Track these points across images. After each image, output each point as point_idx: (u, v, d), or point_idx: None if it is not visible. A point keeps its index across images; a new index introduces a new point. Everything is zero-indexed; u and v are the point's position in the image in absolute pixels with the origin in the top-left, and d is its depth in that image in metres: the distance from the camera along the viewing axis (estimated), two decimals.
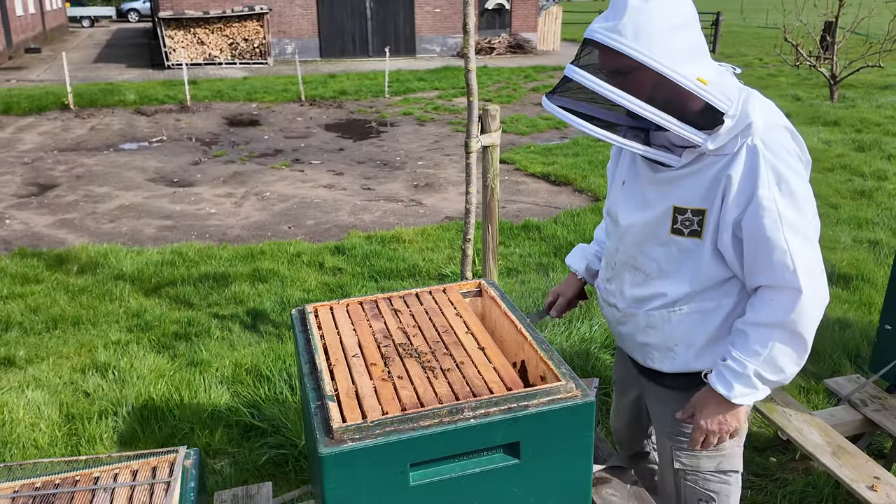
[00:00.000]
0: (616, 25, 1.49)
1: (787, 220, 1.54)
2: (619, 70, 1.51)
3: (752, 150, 1.55)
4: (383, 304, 1.89)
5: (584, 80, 1.50)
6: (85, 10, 37.33)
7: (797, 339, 1.58)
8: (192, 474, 1.62)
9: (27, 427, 3.22)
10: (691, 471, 1.88)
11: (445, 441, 1.40)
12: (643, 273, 1.76)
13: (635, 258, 1.77)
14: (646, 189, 1.73)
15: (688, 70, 1.49)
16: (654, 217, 1.70)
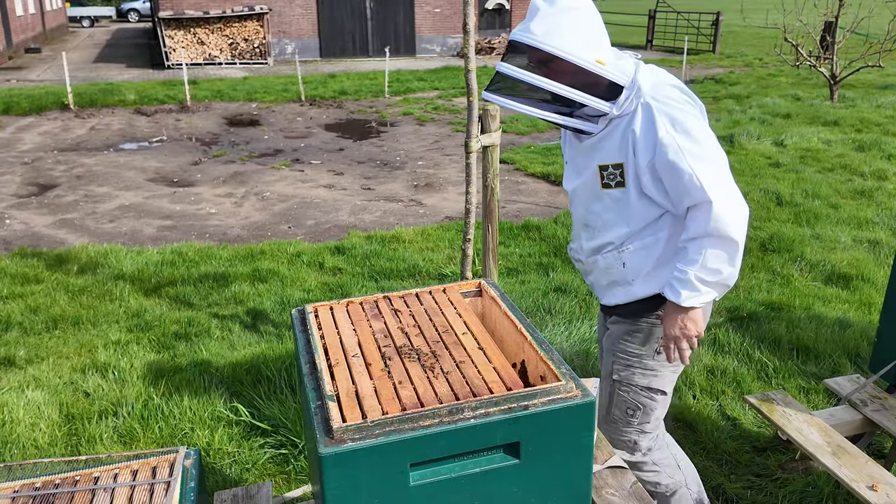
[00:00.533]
0: (529, 27, 1.89)
1: (686, 150, 1.89)
2: (538, 62, 1.90)
3: (645, 106, 1.94)
4: (383, 304, 1.89)
5: (512, 72, 1.90)
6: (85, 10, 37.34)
7: (724, 242, 1.91)
8: (192, 474, 1.62)
9: (27, 427, 3.22)
10: (625, 383, 2.21)
11: (445, 441, 1.39)
12: (592, 228, 2.16)
13: (584, 217, 2.18)
14: (577, 158, 2.14)
15: (588, 55, 1.88)
16: (587, 179, 2.10)
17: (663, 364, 2.16)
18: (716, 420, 3.29)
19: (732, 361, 3.78)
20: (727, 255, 1.91)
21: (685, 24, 23.79)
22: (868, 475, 2.36)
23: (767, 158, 8.49)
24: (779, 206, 6.60)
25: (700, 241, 1.91)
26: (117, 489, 1.56)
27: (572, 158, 2.19)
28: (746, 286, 4.84)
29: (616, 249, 2.10)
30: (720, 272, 1.92)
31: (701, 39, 22.81)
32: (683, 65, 16.65)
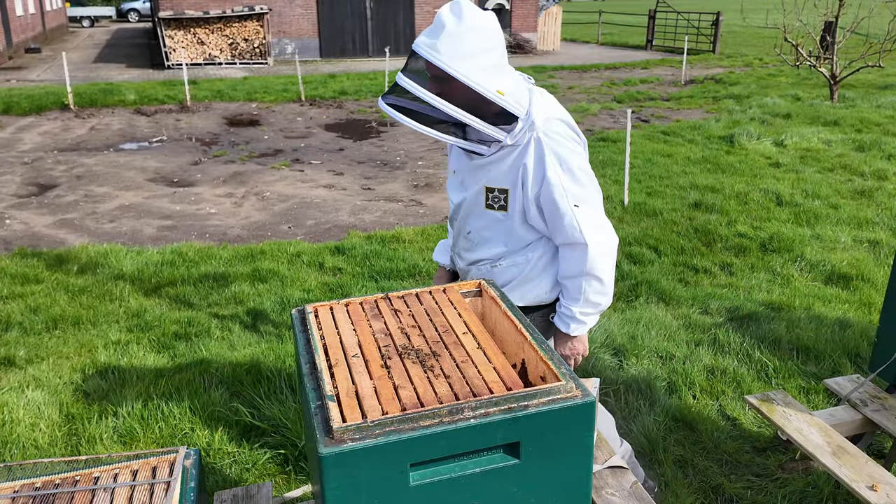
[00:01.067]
0: (437, 44, 1.87)
1: (569, 192, 2.04)
2: (438, 78, 1.91)
3: (537, 140, 2.03)
4: (383, 304, 1.89)
5: (419, 93, 1.89)
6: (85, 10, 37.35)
7: (599, 280, 2.11)
8: (192, 474, 1.62)
9: (27, 427, 3.22)
10: None
11: (445, 441, 1.39)
12: (470, 241, 2.27)
13: (465, 229, 2.28)
14: (465, 174, 2.22)
15: (490, 84, 1.91)
16: (472, 195, 2.19)
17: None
18: (716, 420, 3.29)
19: (732, 361, 3.78)
20: (603, 287, 2.13)
21: (685, 24, 23.79)
22: (868, 475, 2.36)
23: (767, 158, 8.49)
24: (779, 206, 6.60)
25: (578, 280, 2.11)
26: (117, 489, 1.56)
27: (460, 170, 2.25)
28: (746, 286, 4.84)
29: (490, 264, 2.24)
30: (599, 304, 2.16)
31: (701, 39, 22.82)
32: (683, 65, 16.65)
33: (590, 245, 2.06)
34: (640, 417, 3.25)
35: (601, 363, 3.74)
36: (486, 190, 2.15)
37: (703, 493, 2.83)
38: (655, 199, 6.82)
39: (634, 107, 12.63)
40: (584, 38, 27.92)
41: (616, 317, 4.31)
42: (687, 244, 5.63)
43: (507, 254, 2.21)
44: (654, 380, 3.57)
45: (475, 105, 1.93)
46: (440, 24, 1.88)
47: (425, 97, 1.89)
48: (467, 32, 1.87)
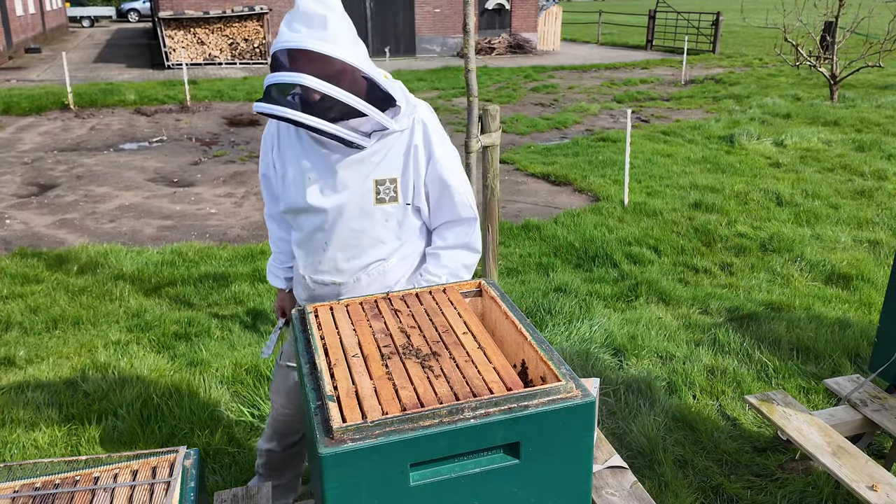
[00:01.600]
0: (326, 35, 1.79)
1: (455, 170, 2.07)
2: (330, 73, 1.80)
3: (422, 123, 2.02)
4: (383, 304, 1.89)
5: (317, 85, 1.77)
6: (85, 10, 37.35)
7: (475, 254, 2.15)
8: (192, 474, 1.62)
9: (27, 427, 3.22)
10: None
11: (445, 441, 1.39)
12: (355, 247, 2.09)
13: (345, 236, 2.07)
14: (338, 173, 2.00)
15: (375, 70, 1.88)
16: (355, 195, 2.02)
17: None
18: (716, 420, 3.29)
19: (732, 361, 3.78)
20: (472, 262, 2.16)
21: (685, 24, 23.79)
22: (868, 475, 2.36)
23: (767, 158, 8.49)
24: (779, 206, 6.60)
25: (456, 251, 2.11)
26: (117, 489, 1.56)
27: (322, 173, 2.02)
28: (746, 286, 4.84)
29: (381, 262, 2.12)
30: (462, 278, 2.12)
31: (701, 39, 22.82)
32: (683, 65, 16.65)
33: (476, 219, 2.12)
34: (640, 417, 3.25)
35: (601, 363, 3.74)
36: (375, 184, 2.01)
37: (703, 493, 2.83)
38: (655, 199, 6.82)
39: (634, 107, 12.63)
40: (584, 38, 27.92)
41: (616, 317, 4.31)
42: (687, 244, 5.63)
43: (398, 248, 2.11)
44: (654, 380, 3.57)
45: (363, 94, 1.86)
46: (312, 14, 1.79)
47: (332, 92, 1.78)
48: (342, 19, 1.83)
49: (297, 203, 2.07)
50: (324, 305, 1.87)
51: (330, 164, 2.00)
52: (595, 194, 7.20)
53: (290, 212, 2.13)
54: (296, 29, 1.80)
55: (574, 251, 5.51)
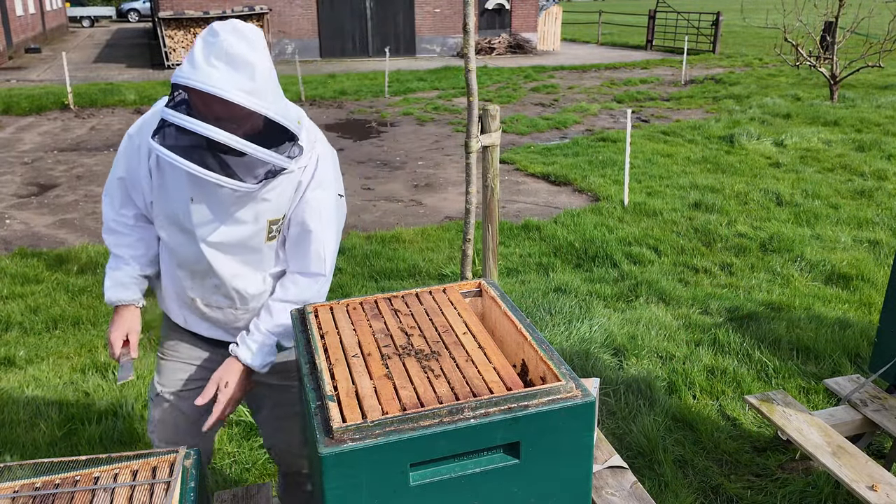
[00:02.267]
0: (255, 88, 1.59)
1: (325, 219, 1.87)
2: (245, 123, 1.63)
3: (315, 161, 1.85)
4: (383, 304, 1.89)
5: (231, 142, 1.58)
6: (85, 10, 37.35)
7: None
8: (192, 474, 1.62)
9: (27, 427, 3.22)
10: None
11: (445, 441, 1.39)
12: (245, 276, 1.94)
13: (234, 268, 1.91)
14: (230, 207, 1.82)
15: (293, 119, 1.70)
16: (250, 231, 1.86)
17: None
18: (716, 420, 3.29)
19: (732, 361, 3.78)
20: None
21: (685, 24, 23.80)
22: (868, 475, 2.36)
23: (767, 158, 8.49)
24: (779, 206, 6.60)
25: (294, 307, 1.88)
26: (117, 489, 1.56)
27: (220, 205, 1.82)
28: (746, 286, 4.84)
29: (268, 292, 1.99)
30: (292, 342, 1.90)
31: (701, 39, 22.82)
32: (683, 65, 16.65)
33: (327, 278, 1.93)
34: (640, 417, 3.25)
35: (601, 363, 3.74)
36: (268, 224, 1.86)
37: (702, 493, 2.83)
38: (655, 199, 6.82)
39: (634, 107, 12.63)
40: (584, 38, 27.92)
41: (616, 317, 4.30)
42: (687, 244, 5.63)
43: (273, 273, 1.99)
44: (654, 380, 3.57)
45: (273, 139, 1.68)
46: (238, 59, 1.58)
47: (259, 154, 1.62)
48: (267, 64, 1.64)
49: (181, 223, 1.87)
50: (324, 305, 1.87)
51: (219, 196, 1.79)
52: (595, 194, 7.20)
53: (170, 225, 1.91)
54: (214, 66, 1.57)
55: (574, 251, 5.51)
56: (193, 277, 1.97)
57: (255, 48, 1.62)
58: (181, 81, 1.59)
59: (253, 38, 1.63)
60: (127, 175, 1.94)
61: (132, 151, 1.91)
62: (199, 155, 1.63)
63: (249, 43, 1.61)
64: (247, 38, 1.61)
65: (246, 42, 1.60)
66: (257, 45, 1.63)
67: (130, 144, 1.92)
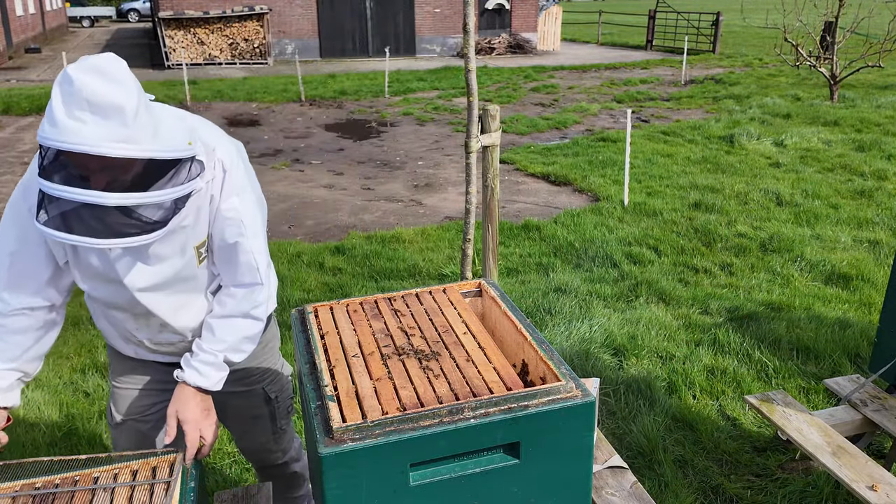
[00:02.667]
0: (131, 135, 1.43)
1: (248, 227, 1.75)
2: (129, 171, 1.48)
3: (221, 170, 1.72)
4: (383, 304, 1.89)
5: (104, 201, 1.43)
6: (85, 11, 37.34)
7: (257, 324, 1.83)
8: (192, 474, 1.62)
9: (27, 427, 3.22)
10: (280, 394, 2.16)
11: (445, 441, 1.40)
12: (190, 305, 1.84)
13: (174, 302, 1.82)
14: (152, 248, 1.70)
15: (182, 144, 1.54)
16: (179, 265, 1.76)
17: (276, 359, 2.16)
18: (716, 420, 3.29)
19: (732, 361, 3.78)
20: (254, 334, 1.85)
21: (685, 24, 23.80)
22: (868, 475, 2.36)
23: (767, 158, 8.49)
24: (779, 206, 6.60)
25: (234, 320, 1.81)
26: (117, 489, 1.56)
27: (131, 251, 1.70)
28: (746, 286, 4.84)
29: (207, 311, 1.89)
30: (244, 352, 1.85)
31: (701, 39, 22.82)
32: (683, 65, 16.66)
33: (265, 284, 1.82)
34: (639, 417, 3.25)
35: (601, 363, 3.74)
36: (196, 250, 1.77)
37: (702, 493, 2.83)
38: (655, 199, 6.83)
39: (634, 107, 12.63)
40: (584, 38, 27.92)
41: (616, 317, 4.31)
42: (687, 244, 5.63)
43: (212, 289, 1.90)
44: (653, 380, 3.57)
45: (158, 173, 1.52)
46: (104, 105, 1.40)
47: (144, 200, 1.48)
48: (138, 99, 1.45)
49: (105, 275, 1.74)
50: (324, 305, 1.87)
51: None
52: (595, 194, 7.20)
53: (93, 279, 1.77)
54: (78, 118, 1.40)
55: (574, 251, 5.51)
56: (136, 319, 1.86)
57: (120, 85, 1.43)
58: (45, 143, 1.42)
59: (114, 73, 1.44)
60: (20, 247, 1.70)
61: (23, 218, 1.67)
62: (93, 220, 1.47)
63: (111, 81, 1.42)
64: (108, 76, 1.42)
65: (107, 81, 1.42)
66: (121, 80, 1.44)
67: (18, 212, 1.69)
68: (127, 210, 1.49)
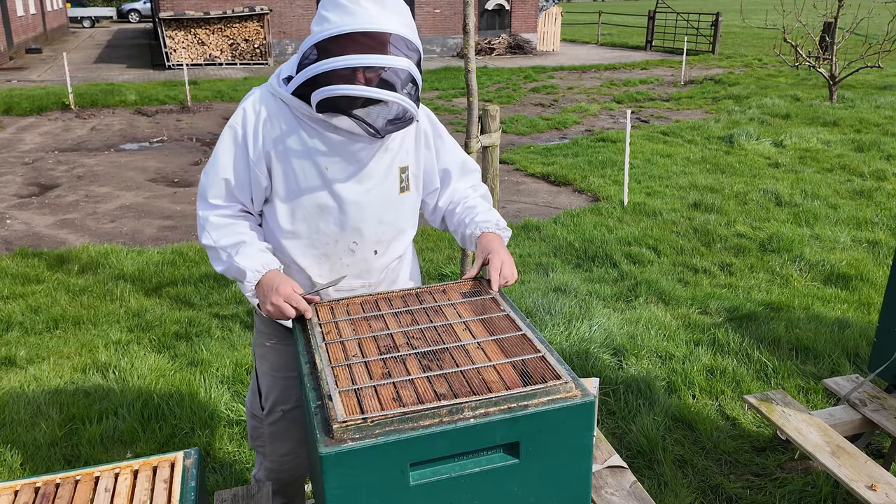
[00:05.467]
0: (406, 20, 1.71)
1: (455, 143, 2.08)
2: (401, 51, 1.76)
3: (424, 109, 1.98)
4: (383, 303, 1.90)
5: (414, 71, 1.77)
6: (86, 11, 37.35)
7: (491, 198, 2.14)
8: (193, 474, 1.63)
9: (27, 427, 3.23)
10: None
11: (445, 441, 1.40)
12: (384, 242, 1.98)
13: (375, 231, 1.94)
14: (362, 162, 1.86)
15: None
16: (380, 184, 1.90)
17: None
18: (715, 420, 3.29)
19: (732, 361, 3.79)
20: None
21: (685, 24, 23.80)
22: (867, 475, 2.37)
23: (767, 159, 8.50)
24: (778, 207, 6.60)
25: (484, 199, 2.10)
26: (118, 489, 1.57)
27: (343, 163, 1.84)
28: (746, 286, 4.84)
29: (398, 260, 2.06)
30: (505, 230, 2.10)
31: (700, 40, 22.83)
32: (683, 65, 16.66)
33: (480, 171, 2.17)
34: (639, 417, 3.25)
35: (601, 363, 3.75)
36: (399, 172, 1.93)
37: (702, 493, 2.83)
38: (655, 199, 6.83)
39: (634, 107, 12.64)
40: (584, 38, 27.92)
41: (616, 317, 4.31)
42: (686, 244, 5.64)
43: (410, 238, 2.08)
44: (653, 380, 3.58)
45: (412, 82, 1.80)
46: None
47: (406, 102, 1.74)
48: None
49: (317, 199, 1.86)
50: (324, 305, 1.87)
51: (351, 153, 1.83)
52: (595, 194, 7.21)
53: (302, 208, 1.87)
54: (366, 7, 1.65)
55: (574, 251, 5.52)
56: (324, 259, 1.94)
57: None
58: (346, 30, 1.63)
59: None
60: (234, 176, 1.86)
61: (239, 148, 1.85)
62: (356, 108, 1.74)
63: None
64: None
65: None
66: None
67: (235, 139, 1.86)
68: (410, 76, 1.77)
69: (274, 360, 2.10)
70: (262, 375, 2.13)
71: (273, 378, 2.11)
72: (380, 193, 1.90)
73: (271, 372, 2.11)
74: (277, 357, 2.09)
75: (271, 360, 2.11)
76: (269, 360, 2.11)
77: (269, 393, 2.13)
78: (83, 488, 1.57)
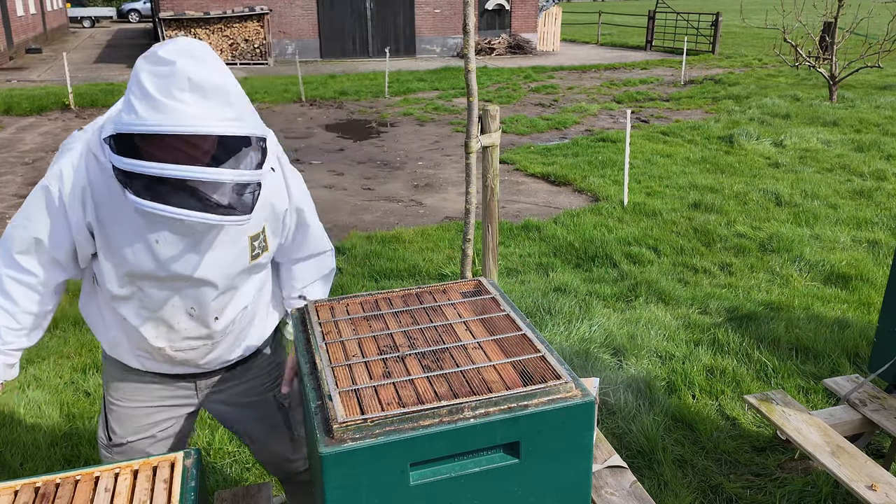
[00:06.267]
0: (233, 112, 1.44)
1: (309, 202, 1.94)
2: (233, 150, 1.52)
3: (276, 156, 1.81)
4: (383, 303, 1.90)
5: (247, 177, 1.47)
6: (86, 11, 37.36)
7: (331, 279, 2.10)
8: (192, 474, 1.63)
9: (28, 427, 3.23)
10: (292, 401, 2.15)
11: (445, 441, 1.40)
12: (228, 305, 1.83)
13: (218, 302, 1.79)
14: (206, 236, 1.66)
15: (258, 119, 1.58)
16: (230, 257, 1.74)
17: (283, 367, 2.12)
18: (715, 420, 3.29)
19: (732, 361, 3.79)
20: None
21: (685, 24, 23.80)
22: (867, 475, 2.37)
23: (767, 159, 8.50)
24: (778, 207, 6.61)
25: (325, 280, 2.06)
26: (118, 489, 1.57)
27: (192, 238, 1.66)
28: (746, 286, 4.84)
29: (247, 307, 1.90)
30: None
31: (700, 40, 22.83)
32: (683, 65, 16.66)
33: (332, 248, 2.08)
34: (639, 417, 3.25)
35: (601, 363, 3.75)
36: (249, 241, 1.75)
37: (702, 493, 2.83)
38: (655, 199, 6.83)
39: (634, 107, 12.64)
40: (584, 38, 27.92)
41: (616, 317, 4.31)
42: (686, 244, 5.64)
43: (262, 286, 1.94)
44: (653, 379, 3.58)
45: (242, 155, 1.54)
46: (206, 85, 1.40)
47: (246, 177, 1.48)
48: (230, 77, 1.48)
49: (147, 273, 1.68)
50: (324, 305, 1.87)
51: (186, 224, 1.56)
52: (595, 194, 7.21)
53: (130, 278, 1.70)
54: (182, 100, 1.38)
55: (574, 251, 5.52)
56: (159, 325, 1.78)
57: (218, 69, 1.44)
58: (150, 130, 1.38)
59: (207, 56, 1.44)
60: (48, 238, 1.67)
61: (56, 212, 1.63)
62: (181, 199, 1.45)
63: (207, 64, 1.43)
64: (203, 60, 1.42)
65: (203, 64, 1.42)
66: (218, 66, 1.45)
67: (51, 203, 1.63)
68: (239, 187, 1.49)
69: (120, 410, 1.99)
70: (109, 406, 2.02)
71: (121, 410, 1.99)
72: (224, 265, 1.73)
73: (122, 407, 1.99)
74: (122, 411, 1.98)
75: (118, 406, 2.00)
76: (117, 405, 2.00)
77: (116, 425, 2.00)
78: (83, 488, 1.57)
